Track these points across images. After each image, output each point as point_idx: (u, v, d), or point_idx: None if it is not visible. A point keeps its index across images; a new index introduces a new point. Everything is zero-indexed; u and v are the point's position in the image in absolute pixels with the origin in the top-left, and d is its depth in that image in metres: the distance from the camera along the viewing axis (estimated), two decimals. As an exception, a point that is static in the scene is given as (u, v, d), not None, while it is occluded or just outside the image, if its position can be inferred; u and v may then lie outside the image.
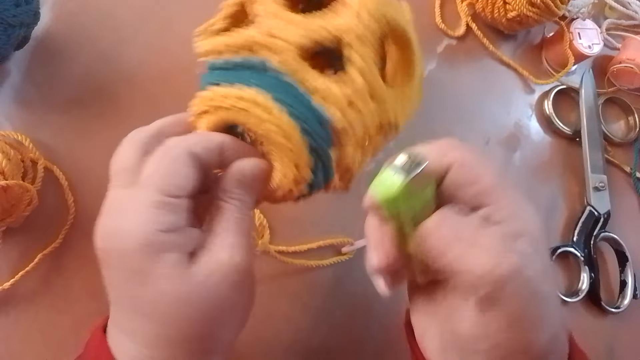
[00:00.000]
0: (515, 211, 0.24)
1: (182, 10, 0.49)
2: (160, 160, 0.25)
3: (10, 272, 0.37)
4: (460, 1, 0.57)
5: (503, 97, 0.55)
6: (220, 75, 0.27)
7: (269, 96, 0.25)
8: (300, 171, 0.27)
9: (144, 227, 0.23)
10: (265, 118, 0.25)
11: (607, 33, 0.60)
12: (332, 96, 0.26)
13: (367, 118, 0.27)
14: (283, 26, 0.26)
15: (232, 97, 0.26)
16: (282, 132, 0.25)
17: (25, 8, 0.38)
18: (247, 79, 0.26)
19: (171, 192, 0.24)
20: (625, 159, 0.55)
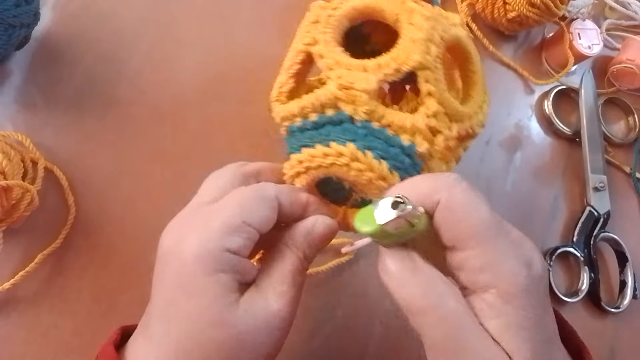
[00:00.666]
0: (487, 263, 0.23)
1: (183, 13, 0.49)
2: (252, 193, 0.27)
3: (10, 272, 0.37)
4: (460, 2, 0.57)
5: (503, 97, 0.55)
6: (310, 136, 0.29)
7: (366, 149, 0.27)
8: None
9: (215, 241, 0.24)
10: (366, 172, 0.27)
11: (607, 33, 0.60)
12: (418, 131, 0.28)
13: (450, 140, 0.29)
14: (360, 76, 0.28)
15: (332, 156, 0.27)
16: (383, 180, 0.28)
17: (26, 8, 0.38)
18: (338, 135, 0.28)
19: (250, 222, 0.25)
20: (625, 159, 0.55)
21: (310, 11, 0.33)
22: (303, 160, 0.29)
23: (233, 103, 0.46)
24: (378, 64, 0.28)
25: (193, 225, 0.26)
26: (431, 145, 0.28)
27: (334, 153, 0.27)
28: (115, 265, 0.39)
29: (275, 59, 0.40)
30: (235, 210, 0.26)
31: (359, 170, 0.27)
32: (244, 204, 0.26)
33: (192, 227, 0.26)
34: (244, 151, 0.45)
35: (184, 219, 0.27)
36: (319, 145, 0.28)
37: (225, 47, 0.48)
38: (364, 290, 0.43)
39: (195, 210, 0.27)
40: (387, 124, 0.28)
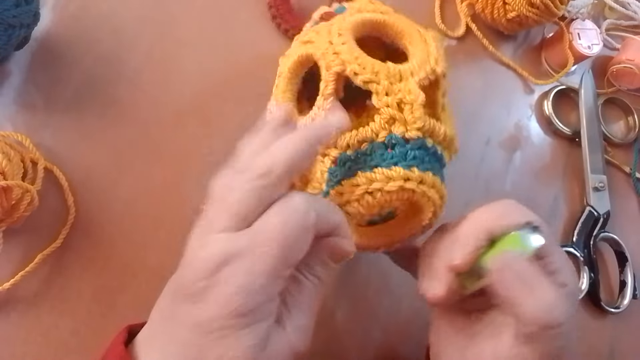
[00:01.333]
0: (564, 265, 0.28)
1: (183, 13, 0.49)
2: (290, 231, 0.23)
3: (10, 272, 0.37)
4: (460, 2, 0.57)
5: (503, 97, 0.55)
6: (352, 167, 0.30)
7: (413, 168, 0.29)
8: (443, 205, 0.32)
9: (254, 296, 0.22)
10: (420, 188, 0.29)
11: (607, 33, 0.60)
12: (444, 139, 0.31)
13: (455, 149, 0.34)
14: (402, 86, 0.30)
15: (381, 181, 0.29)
16: (435, 191, 0.30)
17: (25, 8, 0.38)
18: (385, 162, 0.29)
19: (289, 264, 0.23)
20: (625, 159, 0.55)
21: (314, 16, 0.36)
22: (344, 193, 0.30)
23: (233, 103, 0.46)
24: (410, 69, 0.30)
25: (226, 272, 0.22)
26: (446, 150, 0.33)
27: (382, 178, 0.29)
28: (115, 265, 0.39)
29: (274, 59, 0.40)
30: (276, 255, 0.22)
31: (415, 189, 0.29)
32: (285, 244, 0.23)
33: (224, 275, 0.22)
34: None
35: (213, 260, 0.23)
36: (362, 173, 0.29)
37: (225, 47, 0.48)
38: (363, 292, 0.43)
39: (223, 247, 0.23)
40: (430, 133, 0.30)
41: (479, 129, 0.53)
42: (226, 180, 0.25)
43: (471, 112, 0.53)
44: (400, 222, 0.33)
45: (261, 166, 0.24)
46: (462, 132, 0.52)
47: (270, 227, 0.23)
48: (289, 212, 0.24)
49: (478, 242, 0.27)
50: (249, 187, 0.24)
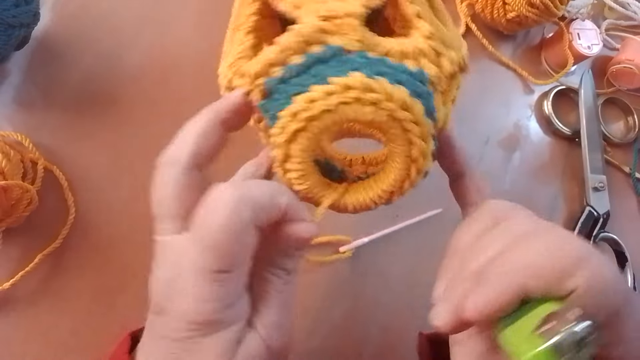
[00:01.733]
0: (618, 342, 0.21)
1: (182, 12, 0.49)
2: (215, 230, 0.21)
3: (10, 272, 0.37)
4: (460, 2, 0.57)
5: (502, 97, 0.55)
6: (299, 82, 0.23)
7: (378, 77, 0.21)
8: (428, 152, 0.24)
9: (203, 304, 0.21)
10: (384, 102, 0.22)
11: (607, 34, 0.60)
12: (422, 54, 0.23)
13: (454, 64, 0.25)
14: (336, 5, 0.23)
15: (337, 93, 0.21)
16: (410, 113, 0.22)
17: (25, 8, 0.38)
18: (335, 71, 0.22)
19: (228, 267, 0.21)
20: (625, 159, 0.55)
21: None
22: (299, 111, 0.22)
23: (232, 103, 0.46)
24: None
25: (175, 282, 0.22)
26: (439, 70, 0.24)
27: (339, 88, 0.21)
28: (115, 265, 0.39)
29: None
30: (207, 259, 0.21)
31: (376, 102, 0.21)
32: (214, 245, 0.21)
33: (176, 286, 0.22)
34: (243, 151, 0.45)
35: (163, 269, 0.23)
36: (315, 86, 0.22)
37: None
38: (361, 290, 0.43)
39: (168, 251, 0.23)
40: (385, 52, 0.23)
41: (478, 129, 0.53)
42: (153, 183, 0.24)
43: (471, 112, 0.53)
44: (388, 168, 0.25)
45: (168, 155, 0.24)
46: (462, 131, 0.53)
47: (198, 226, 0.22)
48: (214, 207, 0.21)
49: (505, 303, 0.20)
50: (163, 180, 0.24)
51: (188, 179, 0.23)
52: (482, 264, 0.22)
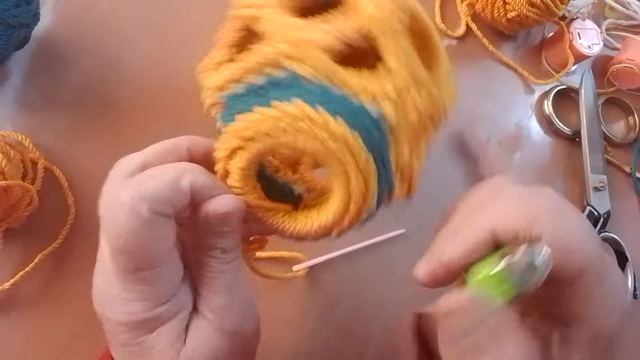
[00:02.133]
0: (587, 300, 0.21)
1: (183, 14, 0.49)
2: (121, 227, 0.20)
3: (10, 272, 0.37)
4: (460, 2, 0.57)
5: (503, 97, 0.55)
6: (248, 102, 0.23)
7: (319, 107, 0.21)
8: (369, 190, 0.23)
9: (133, 306, 0.21)
10: (320, 132, 0.21)
11: (607, 33, 0.60)
12: (380, 92, 0.22)
13: (420, 107, 0.23)
14: (304, 33, 0.23)
15: (276, 118, 0.22)
16: (346, 147, 0.22)
17: (25, 8, 0.38)
18: (283, 95, 0.22)
19: (150, 265, 0.21)
20: (625, 159, 0.55)
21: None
22: (239, 129, 0.22)
23: (233, 103, 0.46)
24: (327, 21, 0.23)
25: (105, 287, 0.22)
26: (400, 114, 0.22)
27: (278, 112, 0.21)
28: (115, 265, 0.39)
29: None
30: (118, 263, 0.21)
31: (311, 130, 0.21)
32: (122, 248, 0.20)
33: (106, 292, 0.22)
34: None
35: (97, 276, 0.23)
36: (259, 107, 0.22)
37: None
38: (363, 291, 0.43)
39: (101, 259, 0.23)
40: (343, 84, 0.22)
41: (479, 129, 0.53)
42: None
43: (471, 112, 0.53)
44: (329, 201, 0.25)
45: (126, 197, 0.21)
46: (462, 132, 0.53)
47: (107, 237, 0.21)
48: (115, 217, 0.20)
49: (474, 248, 0.22)
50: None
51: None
52: (461, 220, 0.24)
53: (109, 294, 0.22)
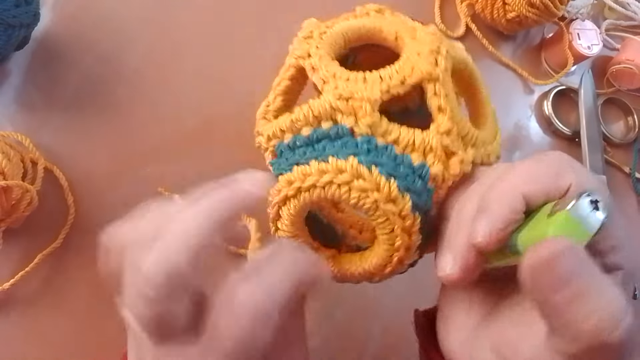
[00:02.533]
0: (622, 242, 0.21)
1: (183, 13, 0.49)
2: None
3: (10, 272, 0.37)
4: (460, 2, 0.57)
5: (502, 97, 0.55)
6: (303, 154, 0.24)
7: (372, 166, 0.23)
8: (412, 246, 0.25)
9: None
10: (372, 192, 0.23)
11: (607, 34, 0.60)
12: (431, 150, 0.24)
13: (466, 164, 0.25)
14: (360, 88, 0.24)
15: (330, 173, 0.23)
16: (396, 208, 0.23)
17: (25, 9, 0.38)
18: (337, 151, 0.23)
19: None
20: (625, 159, 0.55)
21: (302, 28, 0.30)
22: (293, 180, 0.24)
23: (232, 103, 0.46)
24: (380, 76, 0.25)
25: None
26: (445, 168, 0.24)
27: (333, 169, 0.23)
28: (115, 265, 0.39)
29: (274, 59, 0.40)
30: None
31: (363, 190, 0.23)
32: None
33: None
34: (242, 151, 0.45)
35: None
36: (314, 161, 0.23)
37: (224, 47, 0.48)
38: (363, 290, 0.43)
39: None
40: (393, 140, 0.24)
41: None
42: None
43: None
44: (373, 250, 0.27)
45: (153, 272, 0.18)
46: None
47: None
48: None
49: (511, 216, 0.20)
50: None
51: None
52: (480, 200, 0.22)
53: None
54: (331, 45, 0.27)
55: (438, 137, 0.24)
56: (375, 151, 0.23)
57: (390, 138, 0.24)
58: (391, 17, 0.30)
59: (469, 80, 0.29)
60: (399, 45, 0.27)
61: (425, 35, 0.27)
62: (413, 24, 0.29)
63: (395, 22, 0.29)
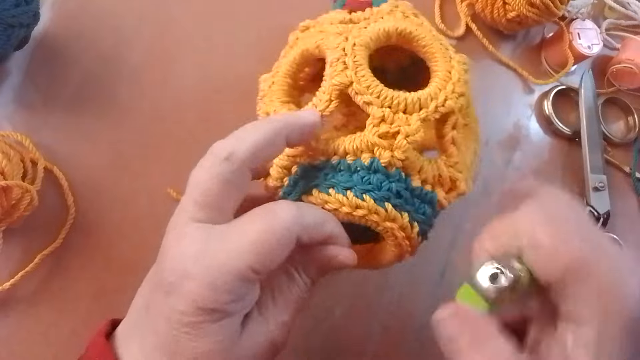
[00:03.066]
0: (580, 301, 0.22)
1: (182, 12, 0.49)
2: (264, 233, 0.23)
3: (10, 272, 0.37)
4: (460, 1, 0.57)
5: (502, 97, 0.55)
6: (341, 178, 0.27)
7: (385, 202, 0.27)
8: (415, 245, 0.29)
9: (221, 294, 0.22)
10: (390, 225, 0.27)
11: (607, 33, 0.60)
12: (438, 179, 0.29)
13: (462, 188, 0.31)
14: (400, 120, 0.27)
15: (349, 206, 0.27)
16: (403, 230, 0.28)
17: (25, 8, 0.38)
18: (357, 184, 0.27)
19: (261, 270, 0.23)
20: (625, 159, 0.55)
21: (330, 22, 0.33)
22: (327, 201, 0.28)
23: (232, 102, 0.46)
24: (419, 101, 0.28)
25: (197, 267, 0.23)
26: (447, 196, 0.30)
27: (353, 204, 0.27)
28: (115, 265, 0.39)
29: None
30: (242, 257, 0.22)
31: (379, 221, 0.27)
32: (252, 249, 0.23)
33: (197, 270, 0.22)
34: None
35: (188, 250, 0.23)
36: (334, 191, 0.27)
37: (224, 46, 0.48)
38: (362, 289, 0.43)
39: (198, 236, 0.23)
40: (421, 176, 0.28)
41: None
42: (197, 166, 0.25)
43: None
44: (379, 246, 0.31)
45: (222, 149, 0.24)
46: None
47: (248, 233, 0.23)
48: (271, 224, 0.23)
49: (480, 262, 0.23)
50: (212, 172, 0.24)
51: (237, 177, 0.24)
52: None
53: (200, 275, 0.22)
54: (365, 50, 0.29)
55: (448, 170, 0.29)
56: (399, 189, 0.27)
57: (413, 170, 0.28)
58: (417, 20, 0.33)
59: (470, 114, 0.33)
60: (427, 56, 0.31)
61: (458, 64, 0.30)
62: (445, 41, 0.32)
63: (426, 30, 0.31)
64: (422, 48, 0.31)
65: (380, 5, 0.34)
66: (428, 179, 0.29)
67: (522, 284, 0.22)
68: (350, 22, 0.33)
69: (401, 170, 0.27)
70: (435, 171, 0.29)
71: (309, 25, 0.35)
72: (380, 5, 0.34)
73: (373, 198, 0.26)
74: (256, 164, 0.25)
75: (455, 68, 0.30)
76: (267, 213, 0.24)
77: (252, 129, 0.25)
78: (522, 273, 0.22)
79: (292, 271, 0.26)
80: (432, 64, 0.31)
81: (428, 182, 0.29)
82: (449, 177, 0.29)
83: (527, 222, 0.23)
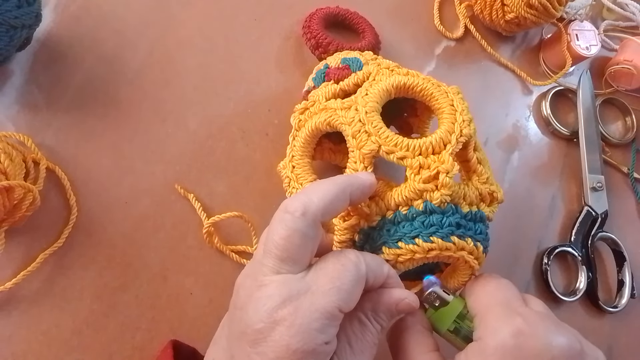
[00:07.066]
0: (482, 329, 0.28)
1: (184, 13, 0.49)
2: (348, 273, 0.26)
3: (12, 272, 0.37)
4: (459, 3, 0.57)
5: (501, 98, 0.55)
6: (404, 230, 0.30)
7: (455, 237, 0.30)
8: (480, 263, 0.32)
9: (314, 336, 0.23)
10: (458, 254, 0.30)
11: (605, 34, 0.61)
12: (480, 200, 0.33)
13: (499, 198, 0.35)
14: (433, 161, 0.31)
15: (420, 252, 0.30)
16: (472, 254, 0.31)
17: (27, 9, 0.38)
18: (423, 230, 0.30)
19: (343, 307, 0.25)
20: (623, 159, 0.56)
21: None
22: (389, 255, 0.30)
23: (233, 103, 0.47)
24: (441, 140, 0.31)
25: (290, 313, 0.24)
26: (492, 209, 0.34)
27: (424, 249, 0.30)
28: (117, 265, 0.40)
29: (274, 58, 0.40)
30: (330, 297, 0.24)
31: (451, 256, 0.31)
32: (342, 287, 0.25)
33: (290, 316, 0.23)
34: (243, 151, 0.46)
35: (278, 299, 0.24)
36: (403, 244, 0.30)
37: (225, 47, 0.49)
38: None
39: (286, 285, 0.25)
40: (473, 206, 0.32)
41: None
42: (274, 223, 0.26)
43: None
44: (445, 274, 0.35)
45: (297, 207, 0.26)
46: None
47: (329, 271, 0.25)
48: (344, 261, 0.26)
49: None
50: (290, 228, 0.25)
51: (313, 231, 0.26)
52: None
53: (287, 322, 0.23)
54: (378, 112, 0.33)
55: (485, 186, 0.33)
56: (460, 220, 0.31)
57: (463, 200, 0.31)
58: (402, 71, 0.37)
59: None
60: (426, 99, 0.35)
61: (455, 96, 0.35)
62: (434, 80, 0.36)
63: (416, 77, 0.35)
64: (420, 92, 0.35)
65: (362, 68, 0.37)
66: (473, 201, 0.32)
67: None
68: (342, 92, 0.36)
69: (451, 203, 0.30)
70: (475, 192, 0.32)
71: (306, 106, 0.38)
72: (363, 68, 0.37)
73: (440, 237, 0.29)
74: (326, 218, 0.27)
75: (455, 100, 0.34)
76: (338, 254, 0.27)
77: (320, 187, 0.27)
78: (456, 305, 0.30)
79: (364, 318, 0.27)
80: (433, 103, 0.34)
81: (474, 203, 0.32)
82: (487, 192, 0.33)
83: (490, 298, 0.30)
